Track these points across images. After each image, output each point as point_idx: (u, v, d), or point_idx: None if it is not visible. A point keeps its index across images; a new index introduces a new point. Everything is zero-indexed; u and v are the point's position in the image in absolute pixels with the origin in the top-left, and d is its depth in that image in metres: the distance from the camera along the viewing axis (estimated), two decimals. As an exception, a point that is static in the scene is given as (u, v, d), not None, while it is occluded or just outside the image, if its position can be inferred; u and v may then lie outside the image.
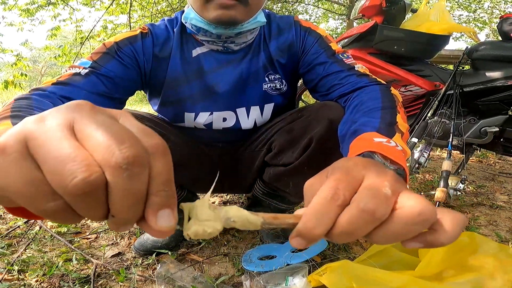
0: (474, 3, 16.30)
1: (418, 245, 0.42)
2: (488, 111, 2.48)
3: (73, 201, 0.31)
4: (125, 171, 0.31)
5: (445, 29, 2.73)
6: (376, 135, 0.79)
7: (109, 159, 0.30)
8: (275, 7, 13.02)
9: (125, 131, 0.33)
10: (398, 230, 0.40)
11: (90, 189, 0.29)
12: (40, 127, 0.32)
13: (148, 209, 0.34)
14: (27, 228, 1.76)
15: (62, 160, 0.29)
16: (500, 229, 1.93)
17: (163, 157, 0.35)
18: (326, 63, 1.24)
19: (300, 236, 0.42)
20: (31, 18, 8.53)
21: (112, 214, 0.33)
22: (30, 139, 0.31)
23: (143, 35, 1.22)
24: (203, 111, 1.33)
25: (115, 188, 0.31)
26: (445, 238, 0.41)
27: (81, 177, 0.29)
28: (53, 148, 0.30)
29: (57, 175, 0.29)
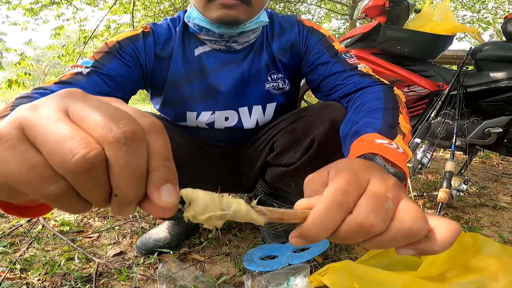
0: (478, 4, 16.29)
1: (411, 252, 0.42)
2: (491, 111, 2.48)
3: (76, 181, 0.30)
4: (124, 145, 0.31)
5: (449, 30, 2.72)
6: (378, 136, 0.79)
7: (107, 135, 0.31)
8: (277, 7, 13.02)
9: (120, 110, 0.33)
10: (389, 241, 0.41)
11: (91, 165, 0.29)
12: (34, 113, 0.32)
13: (150, 185, 0.34)
14: (30, 227, 1.76)
15: (60, 140, 0.29)
16: (503, 230, 1.93)
17: (160, 134, 0.35)
18: (329, 63, 1.23)
19: (302, 237, 0.42)
20: (35, 17, 8.56)
21: (115, 193, 0.33)
22: (26, 125, 0.31)
23: (145, 34, 1.22)
24: (205, 110, 1.33)
25: (116, 164, 0.31)
26: (438, 247, 0.41)
27: (81, 154, 0.29)
28: (50, 130, 0.30)
29: (57, 155, 0.29)
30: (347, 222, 0.41)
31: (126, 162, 0.31)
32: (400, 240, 0.41)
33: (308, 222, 0.41)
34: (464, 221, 2.02)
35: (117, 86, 1.12)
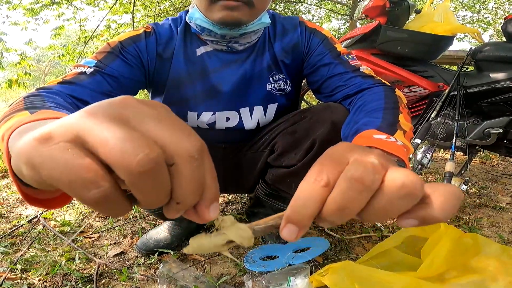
0: (478, 4, 16.27)
1: (412, 222, 0.40)
2: (491, 112, 2.48)
3: (136, 181, 0.31)
4: (196, 161, 0.34)
5: (449, 30, 2.72)
6: (376, 132, 0.79)
7: (182, 148, 0.33)
8: (277, 7, 13.01)
9: (183, 124, 0.36)
10: (385, 204, 0.38)
11: (154, 166, 0.30)
12: (91, 119, 0.32)
13: (203, 201, 0.37)
14: (30, 227, 1.76)
15: (123, 140, 0.30)
16: (503, 231, 1.93)
17: (208, 154, 0.37)
18: (331, 64, 1.23)
19: (290, 222, 0.40)
20: (35, 17, 8.55)
21: (177, 201, 0.35)
22: (82, 130, 0.32)
23: (147, 34, 1.22)
24: (206, 111, 1.33)
25: (186, 176, 0.33)
26: (438, 212, 0.38)
27: (144, 153, 0.30)
28: (112, 133, 0.31)
29: (120, 154, 0.30)
30: (336, 187, 0.39)
31: (194, 175, 0.34)
32: (396, 201, 0.38)
33: (290, 205, 0.41)
34: (464, 221, 2.03)
35: (120, 86, 1.12)
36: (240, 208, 2.15)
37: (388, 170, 0.40)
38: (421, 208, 0.39)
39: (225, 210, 2.12)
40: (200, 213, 0.37)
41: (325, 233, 1.79)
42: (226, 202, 2.25)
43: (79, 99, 0.97)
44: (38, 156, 0.31)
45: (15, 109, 0.66)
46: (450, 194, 0.39)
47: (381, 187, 0.39)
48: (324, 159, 0.43)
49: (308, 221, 0.40)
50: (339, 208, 0.39)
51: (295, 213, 0.40)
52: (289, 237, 0.41)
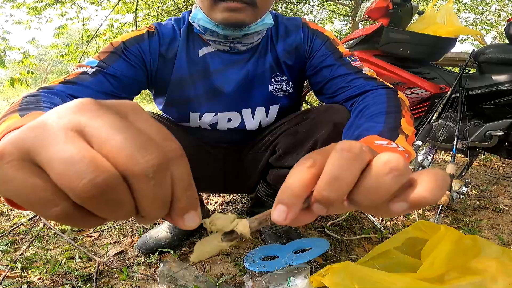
0: (481, 6, 16.27)
1: (404, 205, 0.40)
2: (493, 114, 2.47)
3: (87, 204, 0.30)
4: (152, 179, 0.31)
5: (452, 32, 2.72)
6: (377, 138, 0.79)
7: (133, 168, 0.30)
8: (279, 8, 13.02)
9: (143, 135, 0.32)
10: (374, 181, 0.38)
11: (100, 190, 0.29)
12: (41, 131, 0.31)
13: (174, 212, 0.35)
14: (31, 226, 1.77)
15: (68, 162, 0.28)
16: (503, 233, 1.93)
17: (181, 160, 0.35)
18: (333, 65, 1.23)
19: (280, 203, 0.41)
20: (38, 16, 8.57)
21: (141, 215, 0.33)
22: (31, 145, 0.30)
23: (150, 34, 1.22)
24: (208, 111, 1.33)
25: (143, 195, 0.31)
26: (426, 192, 0.38)
27: (88, 178, 0.28)
28: (58, 151, 0.29)
29: (65, 178, 0.28)
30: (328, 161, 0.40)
31: (152, 193, 0.32)
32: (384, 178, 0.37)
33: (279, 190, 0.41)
34: (464, 223, 2.03)
35: (122, 86, 1.12)
36: (241, 208, 2.15)
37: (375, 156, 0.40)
38: (409, 190, 0.39)
39: (226, 210, 2.13)
40: (175, 222, 0.36)
41: (325, 234, 1.79)
42: (226, 202, 2.25)
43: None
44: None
45: (11, 110, 0.67)
46: (436, 175, 0.39)
47: (369, 165, 0.39)
48: (313, 152, 0.44)
49: (297, 200, 0.40)
50: (330, 179, 0.39)
51: (283, 194, 0.41)
52: (278, 218, 0.41)
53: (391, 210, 0.40)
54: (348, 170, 0.38)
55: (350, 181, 0.39)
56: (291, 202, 0.40)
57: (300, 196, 0.40)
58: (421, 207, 0.40)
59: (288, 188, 0.41)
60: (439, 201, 1.83)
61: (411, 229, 1.43)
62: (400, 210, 0.40)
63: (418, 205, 0.39)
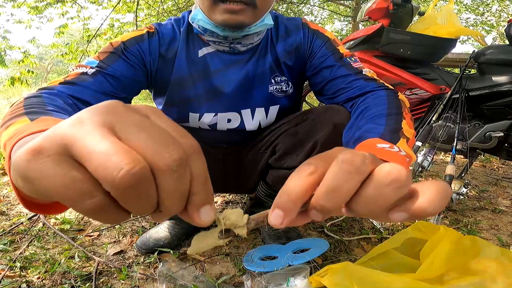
0: (482, 6, 16.26)
1: (403, 215, 0.40)
2: (493, 115, 2.48)
3: (121, 194, 0.31)
4: (175, 173, 0.33)
5: (452, 33, 2.72)
6: (379, 141, 0.79)
7: (159, 162, 0.32)
8: (280, 8, 13.02)
9: (166, 133, 0.34)
10: (374, 192, 0.39)
11: (136, 180, 0.30)
12: (78, 128, 0.32)
13: (191, 206, 0.37)
14: (30, 225, 1.77)
15: (106, 155, 0.30)
16: (502, 234, 1.93)
17: (199, 156, 0.37)
18: (334, 66, 1.23)
19: (277, 207, 0.41)
20: (39, 15, 8.56)
21: (160, 209, 0.35)
22: (69, 141, 0.32)
23: (150, 34, 1.22)
24: (208, 112, 1.33)
25: (165, 188, 0.33)
26: (427, 204, 0.38)
27: (127, 169, 0.30)
28: (96, 146, 0.31)
29: (103, 169, 0.30)
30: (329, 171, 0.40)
31: (174, 187, 0.34)
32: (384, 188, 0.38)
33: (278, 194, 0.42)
34: (463, 224, 2.03)
35: (122, 87, 1.12)
36: (240, 208, 2.15)
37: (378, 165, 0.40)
38: (410, 201, 0.39)
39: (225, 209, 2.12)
40: (191, 217, 0.38)
41: (324, 234, 1.79)
42: (226, 202, 2.25)
43: (80, 100, 0.98)
44: (30, 170, 0.32)
45: (15, 113, 0.67)
46: (438, 188, 0.39)
47: (370, 175, 0.39)
48: (314, 157, 0.44)
49: (294, 205, 0.41)
50: (329, 189, 0.39)
51: (281, 198, 0.41)
52: (274, 222, 0.41)
53: (390, 218, 0.41)
54: (347, 182, 0.39)
55: (349, 193, 0.39)
56: (288, 207, 0.41)
57: (298, 202, 0.41)
58: (421, 219, 0.40)
59: (286, 193, 0.41)
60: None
61: (411, 230, 1.43)
62: (399, 219, 0.41)
63: (418, 216, 0.39)
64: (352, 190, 0.39)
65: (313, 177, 0.41)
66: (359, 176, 0.39)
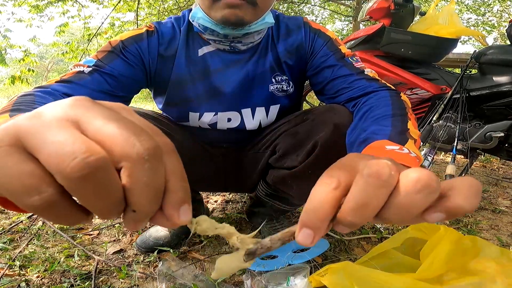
0: (483, 7, 16.26)
1: (439, 216, 0.39)
2: (493, 116, 2.48)
3: (75, 187, 0.29)
4: (147, 162, 0.31)
5: (454, 33, 2.72)
6: (388, 143, 0.78)
7: (130, 151, 0.30)
8: (281, 8, 13.02)
9: (137, 126, 0.33)
10: (404, 200, 0.37)
11: (92, 170, 0.28)
12: (36, 120, 0.31)
13: (169, 205, 0.35)
14: (30, 224, 1.77)
15: (61, 143, 0.29)
16: (502, 234, 1.93)
17: (174, 154, 0.36)
18: (335, 66, 1.22)
19: (304, 227, 0.40)
20: (40, 14, 8.57)
21: (133, 209, 0.33)
22: (23, 132, 0.30)
23: (149, 33, 1.21)
24: (208, 111, 1.33)
25: (137, 180, 0.31)
26: (463, 201, 0.37)
27: (82, 157, 0.28)
28: (51, 135, 0.29)
29: (55, 158, 0.28)
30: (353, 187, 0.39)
31: (148, 179, 0.32)
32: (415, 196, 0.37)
33: (304, 210, 0.41)
34: (463, 224, 2.02)
35: (120, 86, 1.12)
36: (240, 207, 2.15)
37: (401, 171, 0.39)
38: (445, 200, 0.38)
39: (225, 209, 2.12)
40: (168, 217, 0.35)
41: (324, 234, 1.78)
42: (226, 201, 2.25)
43: None
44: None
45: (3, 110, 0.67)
46: (471, 183, 0.38)
47: (397, 185, 0.38)
48: (334, 167, 0.43)
49: (322, 223, 0.40)
50: (357, 206, 0.38)
51: (308, 216, 0.40)
52: (304, 242, 0.40)
53: (426, 220, 0.40)
54: (375, 197, 0.38)
55: (378, 207, 0.39)
56: (317, 226, 0.40)
57: (326, 220, 0.40)
58: (457, 217, 0.39)
59: (313, 211, 0.40)
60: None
61: (411, 230, 1.42)
62: (436, 220, 0.40)
63: (455, 215, 0.38)
64: (381, 204, 0.39)
65: (339, 191, 0.40)
66: (387, 189, 0.38)
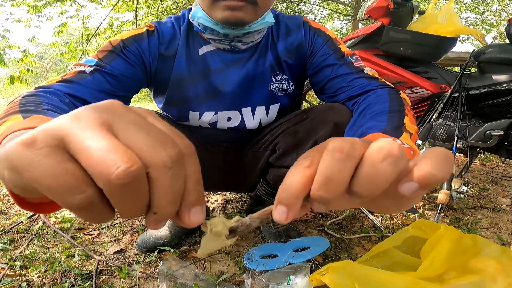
0: (482, 5, 16.27)
1: (412, 185, 0.38)
2: (493, 114, 2.48)
3: (115, 193, 0.31)
4: (171, 169, 0.33)
5: (453, 32, 2.72)
6: (381, 135, 0.79)
7: (156, 158, 0.32)
8: (280, 7, 13.02)
9: (163, 132, 0.35)
10: (370, 171, 0.37)
11: (132, 179, 0.30)
12: (76, 123, 0.32)
13: (182, 207, 0.37)
14: (30, 224, 1.77)
15: (103, 152, 0.30)
16: (502, 232, 1.93)
17: (194, 157, 0.37)
18: (335, 65, 1.23)
19: (279, 203, 0.41)
20: (38, 14, 8.57)
21: (154, 211, 0.35)
22: (66, 134, 0.32)
23: (150, 33, 1.21)
24: (208, 111, 1.33)
25: (161, 186, 0.33)
26: (432, 168, 0.37)
27: (124, 167, 0.29)
28: (94, 141, 0.31)
29: (99, 166, 0.30)
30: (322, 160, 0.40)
31: (170, 184, 0.33)
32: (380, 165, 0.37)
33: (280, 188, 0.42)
34: (463, 222, 2.02)
35: (120, 85, 1.12)
36: (241, 206, 2.15)
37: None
38: (415, 170, 0.38)
39: (226, 208, 2.12)
40: (181, 218, 0.37)
41: (325, 233, 1.79)
42: (226, 200, 2.25)
43: (77, 98, 0.97)
44: (21, 160, 0.31)
45: (10, 111, 0.66)
46: (439, 152, 0.38)
47: (363, 156, 0.39)
48: (310, 150, 0.43)
49: (296, 200, 0.40)
50: (325, 180, 0.39)
51: (283, 194, 0.41)
52: (279, 218, 0.41)
53: (400, 193, 0.39)
54: (340, 170, 0.38)
55: (344, 180, 0.39)
56: (291, 202, 0.40)
57: (299, 196, 0.40)
58: (432, 186, 0.38)
59: (287, 189, 0.41)
60: (438, 201, 1.83)
61: (411, 228, 1.43)
62: (411, 192, 0.38)
63: (427, 183, 0.37)
64: (347, 175, 0.39)
65: (310, 169, 0.40)
66: (351, 161, 0.38)
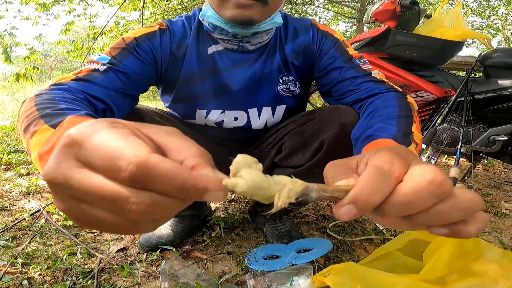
0: (488, 10, 16.23)
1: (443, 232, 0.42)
2: (497, 119, 2.47)
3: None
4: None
5: (459, 36, 2.71)
6: (392, 142, 0.79)
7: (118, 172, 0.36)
8: (285, 9, 13.01)
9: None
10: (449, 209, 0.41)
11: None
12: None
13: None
14: (33, 221, 1.77)
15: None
16: (504, 236, 1.92)
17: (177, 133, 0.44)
18: (342, 68, 1.23)
19: (353, 203, 0.40)
20: (46, 12, 8.59)
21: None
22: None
23: (162, 31, 1.22)
24: (215, 109, 1.33)
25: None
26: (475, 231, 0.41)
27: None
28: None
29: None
30: (409, 182, 0.40)
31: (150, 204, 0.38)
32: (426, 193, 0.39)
33: (360, 185, 0.41)
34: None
35: (132, 83, 1.12)
36: (243, 207, 2.15)
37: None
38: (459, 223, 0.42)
39: (228, 209, 2.12)
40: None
41: (327, 235, 1.79)
42: (229, 201, 2.25)
43: (91, 95, 0.98)
44: None
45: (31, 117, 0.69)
46: (488, 217, 0.42)
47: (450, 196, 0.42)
48: (391, 154, 0.44)
49: (372, 207, 0.41)
50: (408, 202, 0.40)
51: (363, 197, 0.40)
52: (342, 216, 0.41)
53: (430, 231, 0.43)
54: (424, 202, 0.40)
55: (420, 209, 0.41)
56: (364, 209, 0.41)
57: (376, 205, 0.41)
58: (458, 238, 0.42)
59: (369, 196, 0.40)
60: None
61: (414, 231, 1.42)
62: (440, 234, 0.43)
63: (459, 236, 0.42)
64: (425, 207, 0.41)
65: (395, 182, 0.41)
66: (436, 199, 0.41)
